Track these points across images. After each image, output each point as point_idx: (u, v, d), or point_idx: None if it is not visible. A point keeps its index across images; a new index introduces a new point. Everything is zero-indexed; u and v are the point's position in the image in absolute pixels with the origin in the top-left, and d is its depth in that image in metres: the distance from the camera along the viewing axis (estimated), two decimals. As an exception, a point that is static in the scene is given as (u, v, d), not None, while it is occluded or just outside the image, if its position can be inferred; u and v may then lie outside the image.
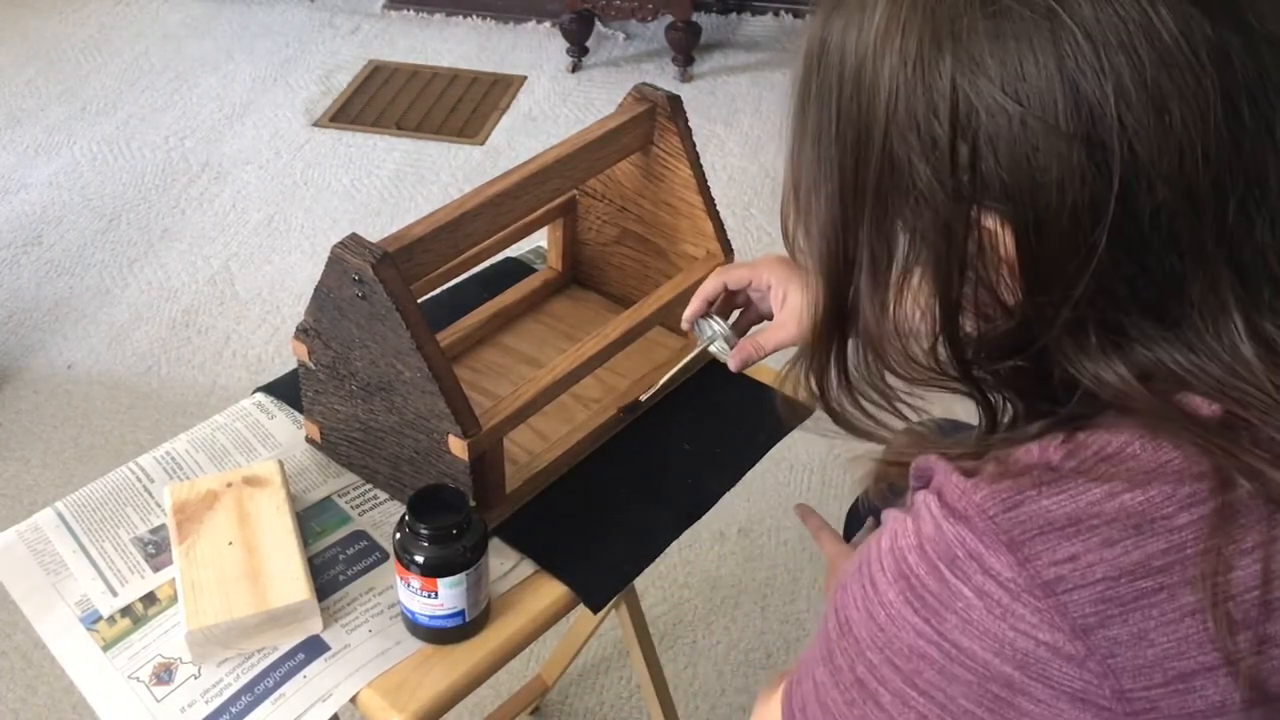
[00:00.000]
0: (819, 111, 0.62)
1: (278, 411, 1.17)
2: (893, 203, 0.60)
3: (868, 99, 0.59)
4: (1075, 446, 0.59)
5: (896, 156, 0.59)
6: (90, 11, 3.55)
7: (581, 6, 3.14)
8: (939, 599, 0.59)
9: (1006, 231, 0.57)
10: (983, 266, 0.59)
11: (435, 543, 0.90)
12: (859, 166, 0.60)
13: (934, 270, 0.60)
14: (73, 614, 0.98)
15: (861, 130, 0.60)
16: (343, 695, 0.92)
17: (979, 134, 0.56)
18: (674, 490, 1.10)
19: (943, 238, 0.59)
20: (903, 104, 0.57)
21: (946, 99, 0.56)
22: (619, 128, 1.12)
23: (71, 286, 2.48)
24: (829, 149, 0.62)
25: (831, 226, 0.64)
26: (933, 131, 0.57)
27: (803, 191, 0.65)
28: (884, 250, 0.62)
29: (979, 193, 0.57)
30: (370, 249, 0.93)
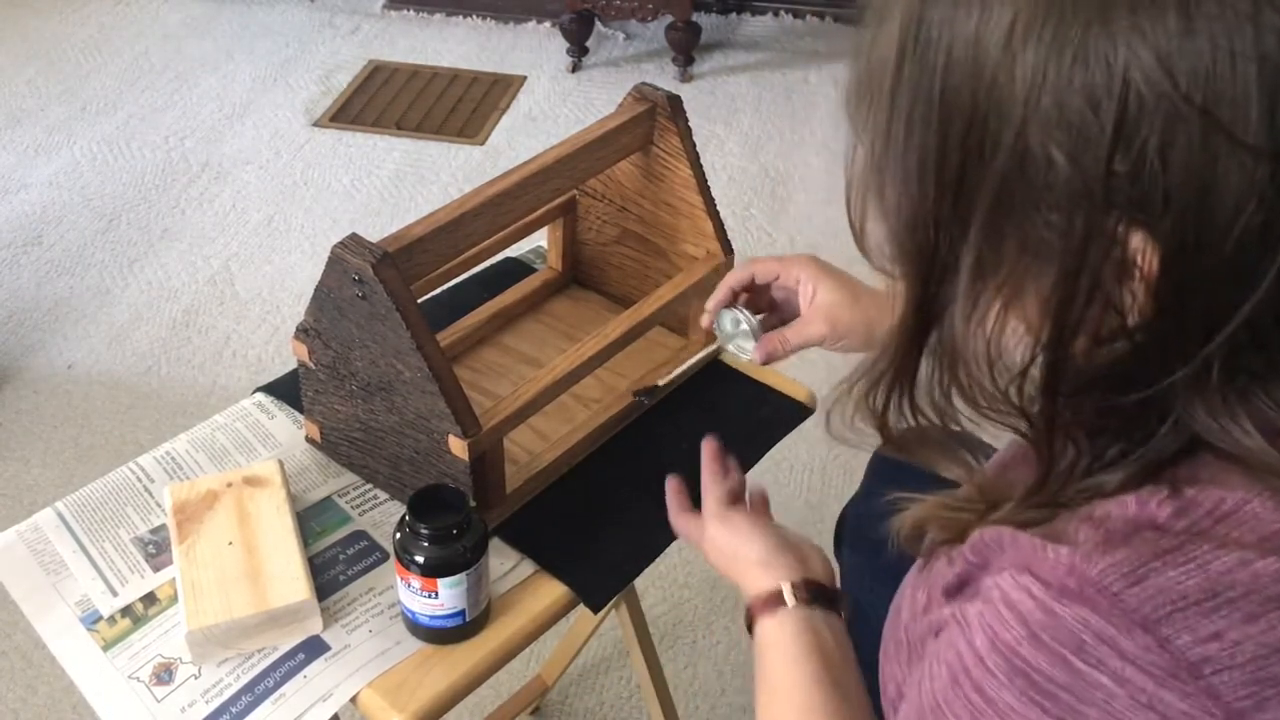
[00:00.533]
0: (913, 99, 0.55)
1: (278, 411, 1.17)
2: (1017, 204, 0.53)
3: (994, 88, 0.52)
4: (1185, 504, 0.53)
5: (1032, 154, 0.51)
6: (90, 11, 3.55)
7: (581, 6, 3.14)
8: (1073, 692, 0.52)
9: (1153, 250, 0.50)
10: (1115, 286, 0.52)
11: (435, 543, 0.91)
12: (974, 162, 0.53)
13: (1057, 284, 0.53)
14: (73, 614, 0.98)
15: (979, 121, 0.52)
16: (343, 695, 0.92)
17: (1150, 138, 0.48)
18: (674, 490, 1.10)
19: (1077, 249, 0.51)
20: (1050, 96, 0.50)
21: (1115, 95, 0.49)
22: (619, 128, 1.12)
23: (71, 286, 2.48)
24: (929, 140, 0.54)
25: (926, 225, 0.56)
26: (1088, 131, 0.49)
27: (889, 187, 0.58)
28: (994, 256, 0.54)
29: (1133, 204, 0.50)
30: (370, 249, 0.93)
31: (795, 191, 2.73)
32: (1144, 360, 0.53)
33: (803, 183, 2.76)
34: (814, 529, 1.91)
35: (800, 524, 1.91)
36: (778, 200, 2.70)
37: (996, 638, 0.55)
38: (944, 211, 0.55)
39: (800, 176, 2.78)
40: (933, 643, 0.64)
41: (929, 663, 0.62)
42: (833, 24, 3.43)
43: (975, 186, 0.53)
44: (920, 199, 0.56)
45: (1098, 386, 0.55)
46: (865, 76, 0.58)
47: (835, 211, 2.54)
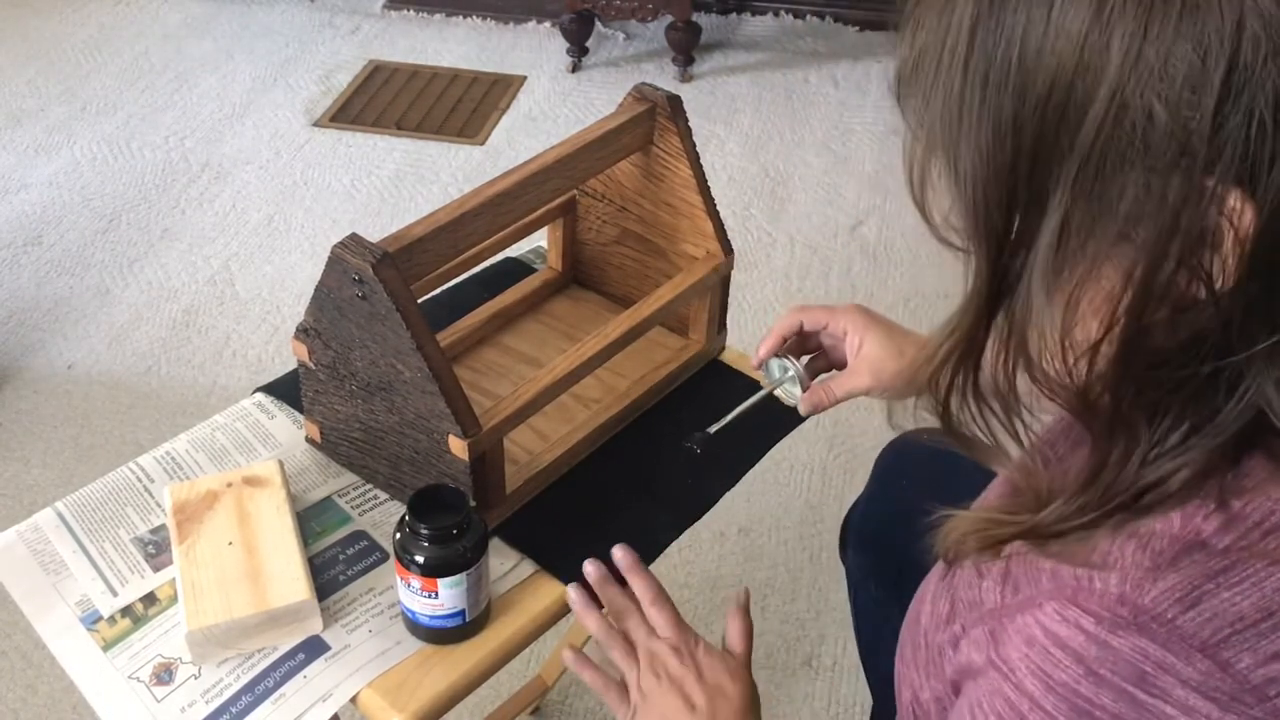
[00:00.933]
0: (989, 65, 0.52)
1: (278, 411, 1.17)
2: (1109, 166, 0.50)
3: (1085, 46, 0.49)
4: (1231, 518, 0.52)
5: (1129, 111, 0.48)
6: (90, 11, 3.55)
7: (581, 6, 3.14)
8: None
9: (1252, 211, 0.48)
10: (1206, 250, 0.49)
11: (435, 543, 0.91)
12: (1058, 126, 0.50)
13: (1146, 249, 0.50)
14: (73, 614, 0.98)
15: (1065, 84, 0.50)
16: (343, 695, 0.92)
17: (1262, 90, 0.46)
18: (674, 490, 1.10)
19: (1173, 211, 0.49)
20: (1154, 46, 0.47)
21: (1227, 43, 0.46)
22: (619, 128, 1.12)
23: (71, 286, 2.48)
24: (1005, 105, 0.51)
25: (1003, 194, 0.53)
26: (1195, 81, 0.47)
27: (962, 156, 0.54)
28: (1080, 222, 0.51)
29: (1238, 161, 0.47)
30: (370, 249, 0.93)
31: (795, 191, 2.73)
32: (1225, 330, 0.51)
33: (803, 183, 2.76)
34: (814, 529, 1.91)
35: (800, 524, 1.91)
36: (778, 200, 2.70)
37: (1051, 679, 0.53)
38: (1022, 178, 0.52)
39: (800, 176, 2.78)
40: (971, 686, 0.61)
41: (971, 712, 0.60)
42: (833, 24, 3.43)
43: (1060, 150, 0.51)
44: (997, 167, 0.53)
45: (1172, 361, 0.53)
46: (934, 44, 0.55)
47: (835, 211, 2.55)
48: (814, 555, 1.87)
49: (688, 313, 1.22)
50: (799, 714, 1.65)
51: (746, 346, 1.27)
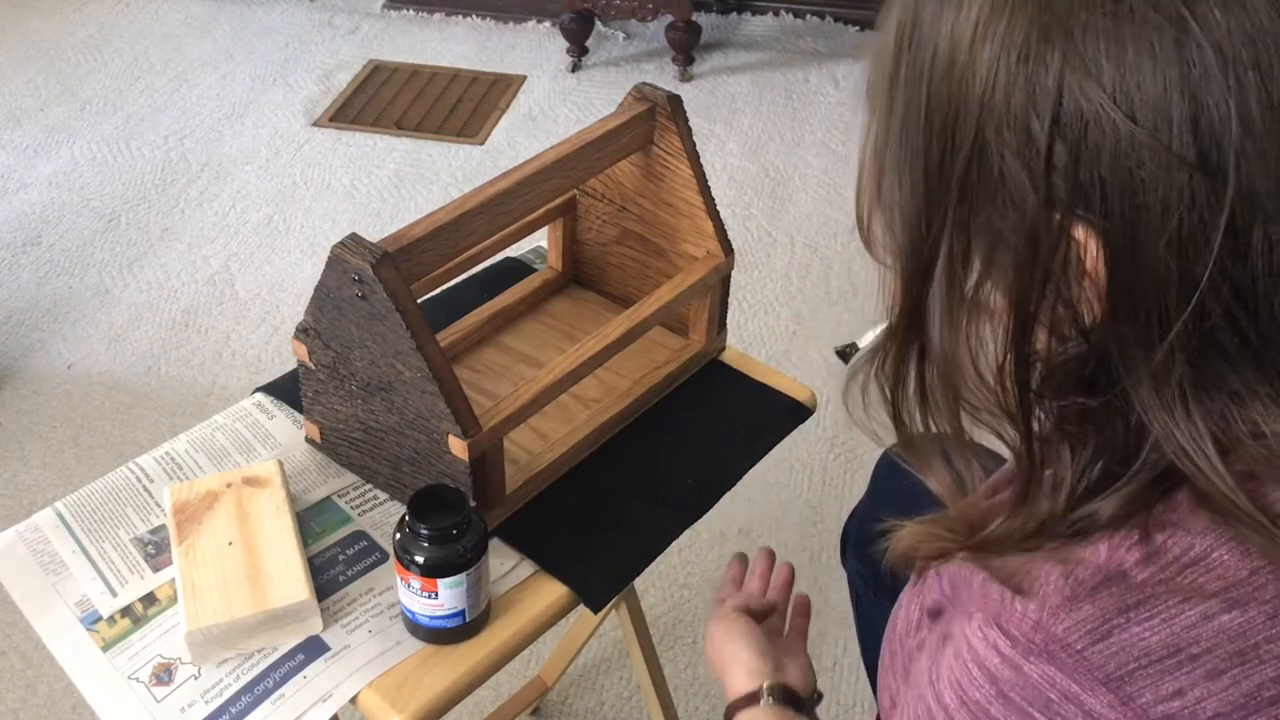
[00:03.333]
0: (907, 95, 0.56)
1: (277, 411, 1.17)
2: (978, 200, 0.54)
3: (961, 85, 0.53)
4: (1152, 551, 0.53)
5: (988, 150, 0.53)
6: (90, 11, 3.54)
7: (581, 6, 3.14)
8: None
9: (1096, 246, 0.51)
10: (1065, 280, 0.53)
11: (435, 543, 0.90)
12: (945, 157, 0.55)
13: (1014, 277, 0.54)
14: (72, 614, 0.98)
15: (951, 118, 0.54)
16: (343, 695, 0.92)
17: (1081, 140, 0.50)
18: (674, 490, 1.10)
19: (1027, 243, 0.53)
20: (1000, 94, 0.52)
21: (1051, 97, 0.50)
22: (619, 128, 1.11)
23: (71, 286, 2.48)
24: (916, 137, 0.56)
25: (913, 221, 0.57)
26: (1030, 129, 0.51)
27: (885, 181, 0.59)
28: (962, 251, 0.56)
29: (1072, 201, 0.51)
30: (370, 249, 0.93)
31: (795, 191, 2.73)
32: (1105, 361, 0.54)
33: (803, 183, 2.76)
34: (814, 529, 1.91)
35: (800, 524, 1.91)
36: (778, 200, 2.70)
37: (965, 695, 0.55)
38: (928, 206, 0.56)
39: (800, 176, 2.78)
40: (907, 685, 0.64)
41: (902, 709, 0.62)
42: (833, 24, 3.43)
43: (947, 183, 0.55)
44: (910, 194, 0.57)
45: (1068, 388, 0.56)
46: (871, 71, 0.59)
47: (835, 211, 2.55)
48: (814, 555, 1.87)
49: (688, 313, 1.22)
50: (799, 714, 1.65)
51: (747, 346, 1.28)
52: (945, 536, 0.62)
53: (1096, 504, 0.55)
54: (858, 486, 1.29)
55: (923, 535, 0.64)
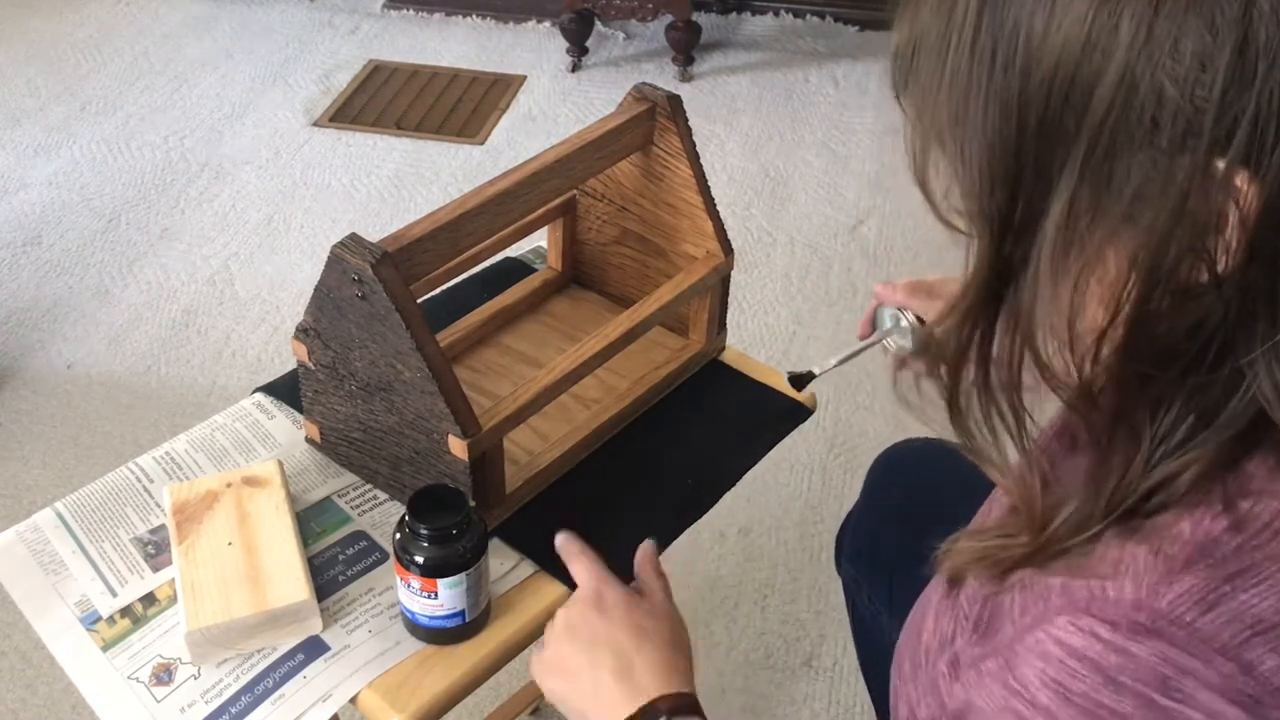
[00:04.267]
0: (997, 44, 0.51)
1: (277, 411, 1.17)
2: (1117, 146, 0.49)
3: (1095, 21, 0.48)
4: (1241, 518, 0.51)
5: (1140, 93, 0.48)
6: (90, 11, 3.55)
7: (581, 6, 3.14)
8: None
9: (1257, 192, 0.47)
10: (1212, 234, 0.49)
11: (435, 543, 0.90)
12: (1065, 105, 0.50)
13: (1152, 231, 0.49)
14: (72, 614, 0.98)
15: (1071, 62, 0.49)
16: (343, 695, 0.92)
17: (1267, 76, 0.46)
18: (674, 490, 1.10)
19: (1180, 193, 0.48)
20: (1166, 23, 0.46)
21: (1237, 21, 0.46)
22: (619, 128, 1.11)
23: (71, 286, 2.48)
24: (1012, 85, 0.51)
25: (1009, 175, 0.52)
26: (1205, 66, 0.46)
27: (968, 139, 0.53)
28: (1088, 203, 0.50)
29: (1246, 141, 0.47)
30: (370, 249, 0.93)
31: (795, 191, 2.73)
32: (1226, 317, 0.50)
33: (803, 183, 2.76)
34: (814, 529, 1.91)
35: (800, 524, 1.91)
36: (778, 200, 2.70)
37: (1068, 691, 0.52)
38: (1028, 160, 0.52)
39: (800, 176, 2.78)
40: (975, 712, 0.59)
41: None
42: (833, 24, 3.43)
43: (1067, 131, 0.50)
44: (1003, 149, 0.52)
45: (1176, 348, 0.52)
46: (936, 25, 0.54)
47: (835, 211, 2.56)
48: (814, 555, 1.87)
49: (687, 313, 1.22)
50: (799, 714, 1.65)
51: (746, 346, 1.27)
52: (1010, 546, 0.58)
53: (1175, 468, 0.53)
54: (857, 486, 1.29)
55: (979, 552, 0.61)
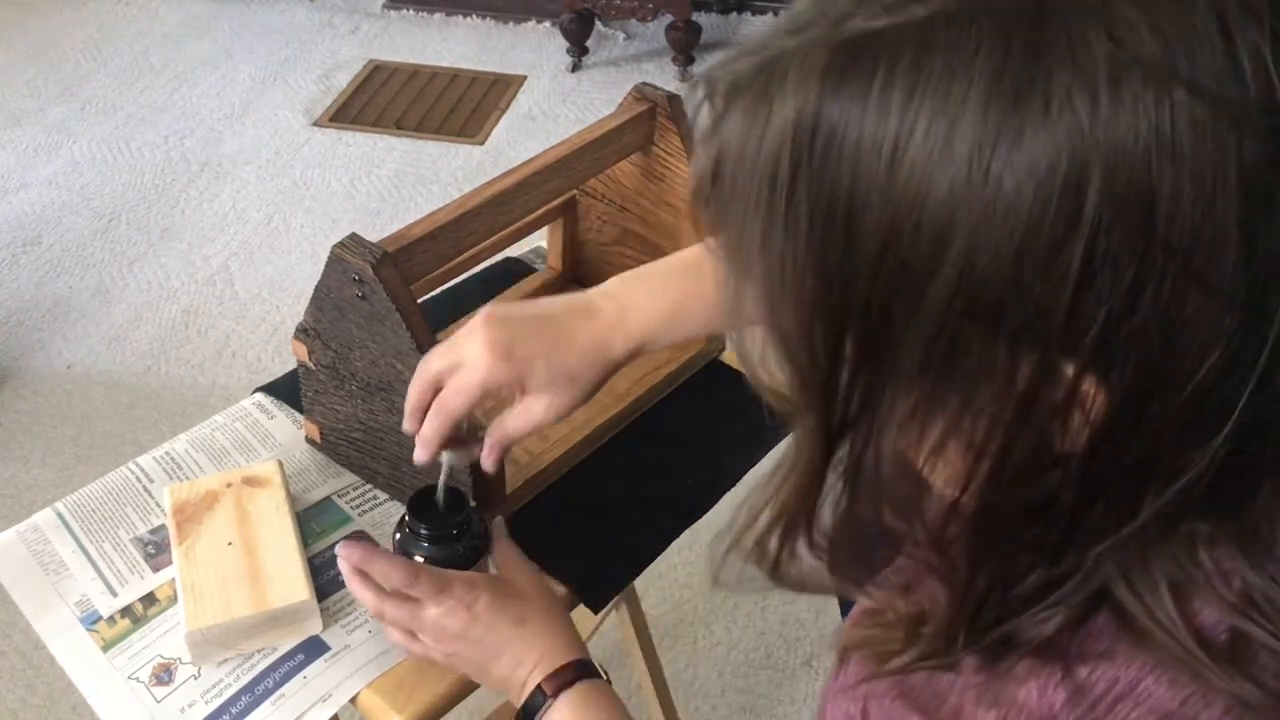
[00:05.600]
0: (813, 214, 0.45)
1: (277, 411, 1.17)
2: (957, 334, 0.44)
3: (924, 203, 0.42)
4: (1079, 688, 0.50)
5: (979, 284, 0.43)
6: (90, 11, 3.55)
7: (581, 6, 3.14)
8: None
9: (1103, 394, 0.44)
10: (1051, 423, 0.46)
11: (435, 543, 0.90)
12: (903, 285, 0.44)
13: (995, 424, 0.46)
14: (72, 614, 0.98)
15: (900, 243, 0.43)
16: (343, 696, 0.92)
17: (1117, 279, 0.41)
18: (674, 490, 1.10)
19: (1025, 392, 0.45)
20: (1006, 229, 0.41)
21: (1084, 231, 0.41)
22: (619, 128, 1.11)
23: (71, 286, 2.48)
24: (835, 252, 0.45)
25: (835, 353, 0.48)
26: (1048, 274, 0.41)
27: (786, 313, 0.48)
28: (933, 388, 0.47)
29: (1090, 346, 0.43)
30: (370, 249, 0.93)
31: (795, 191, 2.73)
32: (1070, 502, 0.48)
33: (803, 183, 2.76)
34: (814, 529, 1.91)
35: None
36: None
37: None
38: (857, 346, 0.47)
39: (800, 176, 2.78)
40: None
41: None
42: (833, 24, 3.43)
43: (897, 321, 0.45)
44: (826, 333, 0.47)
45: (1021, 529, 0.50)
46: (741, 182, 0.47)
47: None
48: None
49: (688, 313, 1.21)
50: (799, 714, 1.65)
51: (746, 346, 1.28)
52: (886, 641, 0.58)
53: (1028, 621, 0.52)
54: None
55: (865, 639, 0.60)
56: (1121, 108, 0.40)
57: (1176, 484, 0.45)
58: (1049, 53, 0.40)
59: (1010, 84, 0.41)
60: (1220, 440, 0.44)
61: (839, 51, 0.44)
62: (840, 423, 0.49)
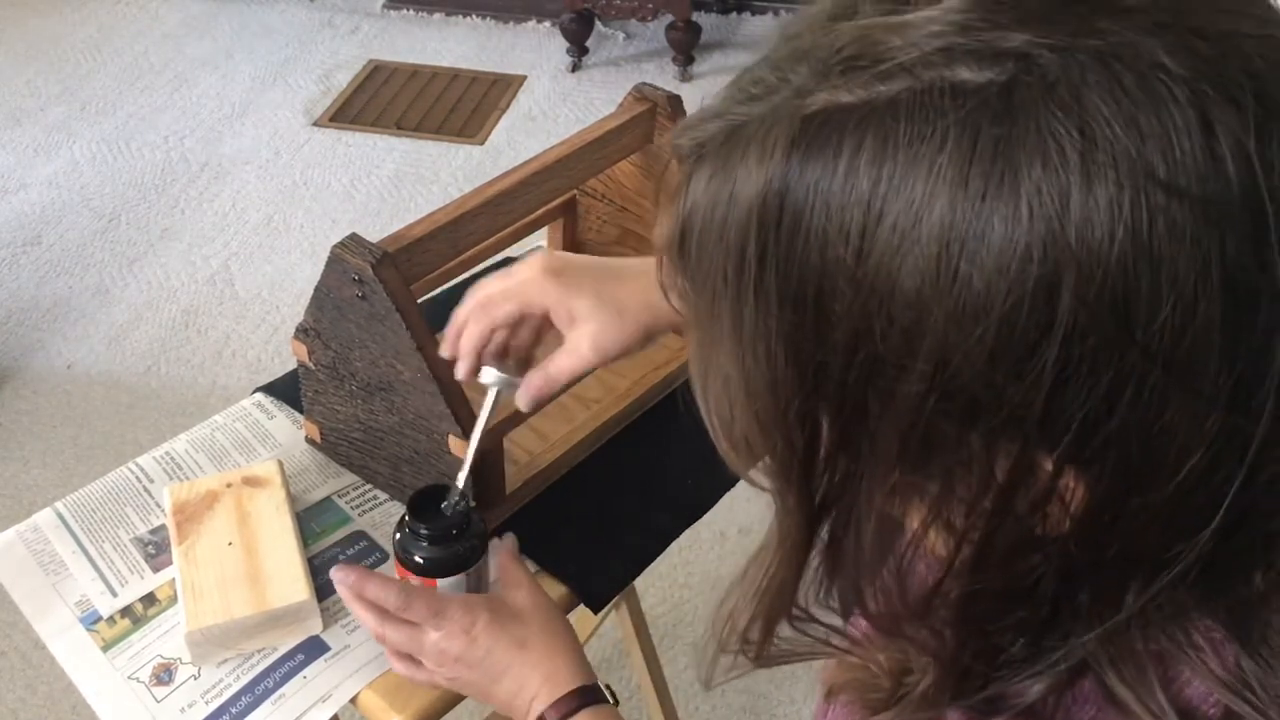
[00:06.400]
0: (784, 292, 0.43)
1: (277, 411, 1.17)
2: (933, 430, 0.43)
3: (891, 293, 0.41)
4: None
5: (955, 383, 0.41)
6: (90, 11, 3.55)
7: (581, 6, 3.14)
8: None
9: (1083, 489, 0.43)
10: (1031, 513, 0.45)
11: (435, 543, 0.90)
12: (876, 380, 0.43)
13: (974, 514, 0.45)
14: (72, 614, 0.98)
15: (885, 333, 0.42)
16: (343, 696, 0.92)
17: (1095, 382, 0.40)
18: (674, 490, 1.10)
19: (1001, 485, 0.44)
20: (971, 321, 0.40)
21: (1057, 333, 0.39)
22: (619, 128, 1.11)
23: (71, 286, 2.48)
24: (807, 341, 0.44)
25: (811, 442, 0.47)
26: (1021, 364, 0.40)
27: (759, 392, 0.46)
28: (909, 480, 0.46)
29: (1069, 445, 0.42)
30: (370, 249, 0.93)
31: (795, 191, 2.73)
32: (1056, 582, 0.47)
33: (803, 183, 2.76)
34: (814, 529, 1.91)
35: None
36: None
37: None
38: (833, 430, 0.46)
39: (800, 176, 2.78)
40: None
41: None
42: (833, 24, 3.43)
43: (871, 411, 0.44)
44: (801, 419, 0.46)
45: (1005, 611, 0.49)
46: (709, 254, 0.45)
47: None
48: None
49: (688, 313, 1.21)
50: (799, 714, 1.65)
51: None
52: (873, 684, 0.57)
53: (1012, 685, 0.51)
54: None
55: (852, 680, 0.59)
56: (1096, 208, 0.38)
57: (1163, 577, 0.44)
58: (1018, 147, 0.38)
59: (978, 179, 0.39)
60: (1206, 536, 0.43)
61: (804, 126, 0.41)
62: (820, 504, 0.48)
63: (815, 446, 0.47)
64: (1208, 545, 0.43)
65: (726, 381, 0.48)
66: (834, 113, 0.41)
